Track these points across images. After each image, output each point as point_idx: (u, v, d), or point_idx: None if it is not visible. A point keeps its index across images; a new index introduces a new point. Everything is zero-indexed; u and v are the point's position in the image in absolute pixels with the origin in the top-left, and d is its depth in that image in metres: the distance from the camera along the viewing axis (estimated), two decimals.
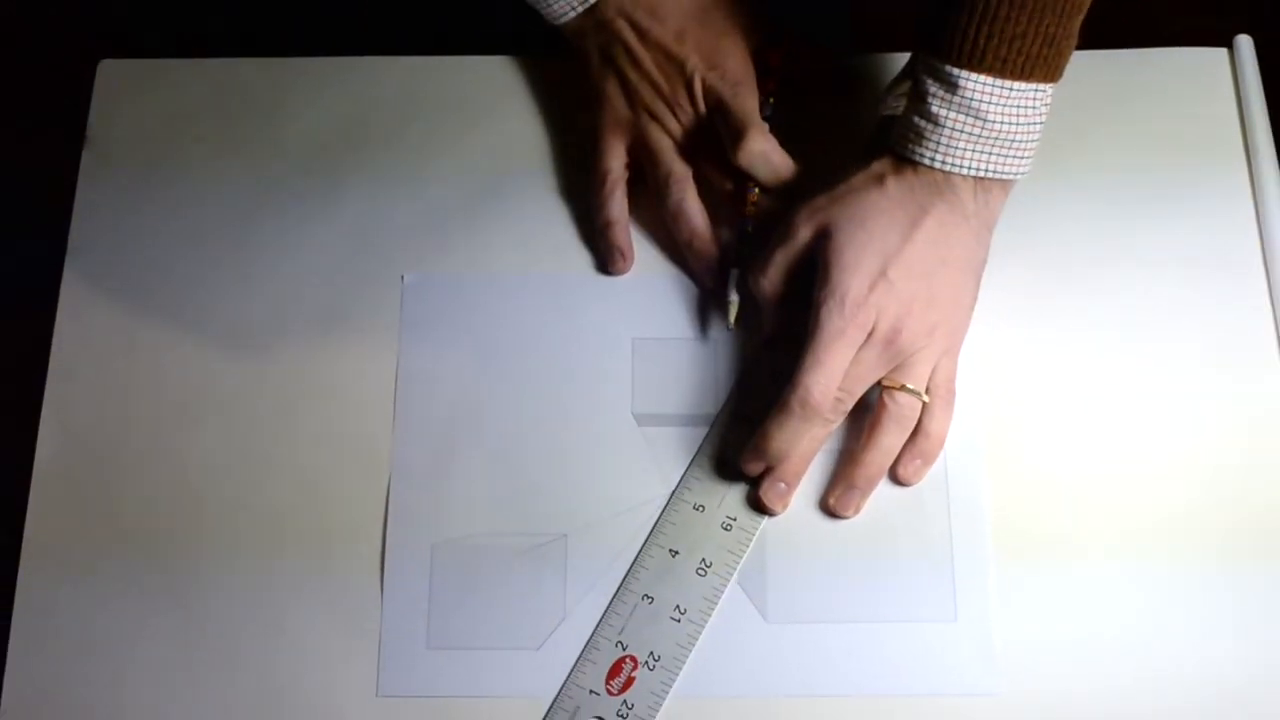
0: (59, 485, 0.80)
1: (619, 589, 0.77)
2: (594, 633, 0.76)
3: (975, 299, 0.79)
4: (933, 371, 0.78)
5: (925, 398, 0.78)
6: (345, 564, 0.78)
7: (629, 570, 0.77)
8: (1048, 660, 0.76)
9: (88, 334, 0.83)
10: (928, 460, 0.79)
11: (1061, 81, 0.76)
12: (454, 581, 0.78)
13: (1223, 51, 0.88)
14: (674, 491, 0.79)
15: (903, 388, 0.77)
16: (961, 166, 0.76)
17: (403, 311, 0.83)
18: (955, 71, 0.74)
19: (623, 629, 0.76)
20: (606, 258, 0.84)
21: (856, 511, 0.78)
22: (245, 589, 0.78)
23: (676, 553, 0.78)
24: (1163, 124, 0.87)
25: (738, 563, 0.77)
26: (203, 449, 0.81)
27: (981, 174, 0.76)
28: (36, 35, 1.08)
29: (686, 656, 0.76)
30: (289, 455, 0.80)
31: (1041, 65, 0.75)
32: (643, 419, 0.81)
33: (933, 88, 0.75)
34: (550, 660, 0.76)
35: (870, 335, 0.76)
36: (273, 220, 0.86)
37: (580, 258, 0.85)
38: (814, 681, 0.76)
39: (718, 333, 0.83)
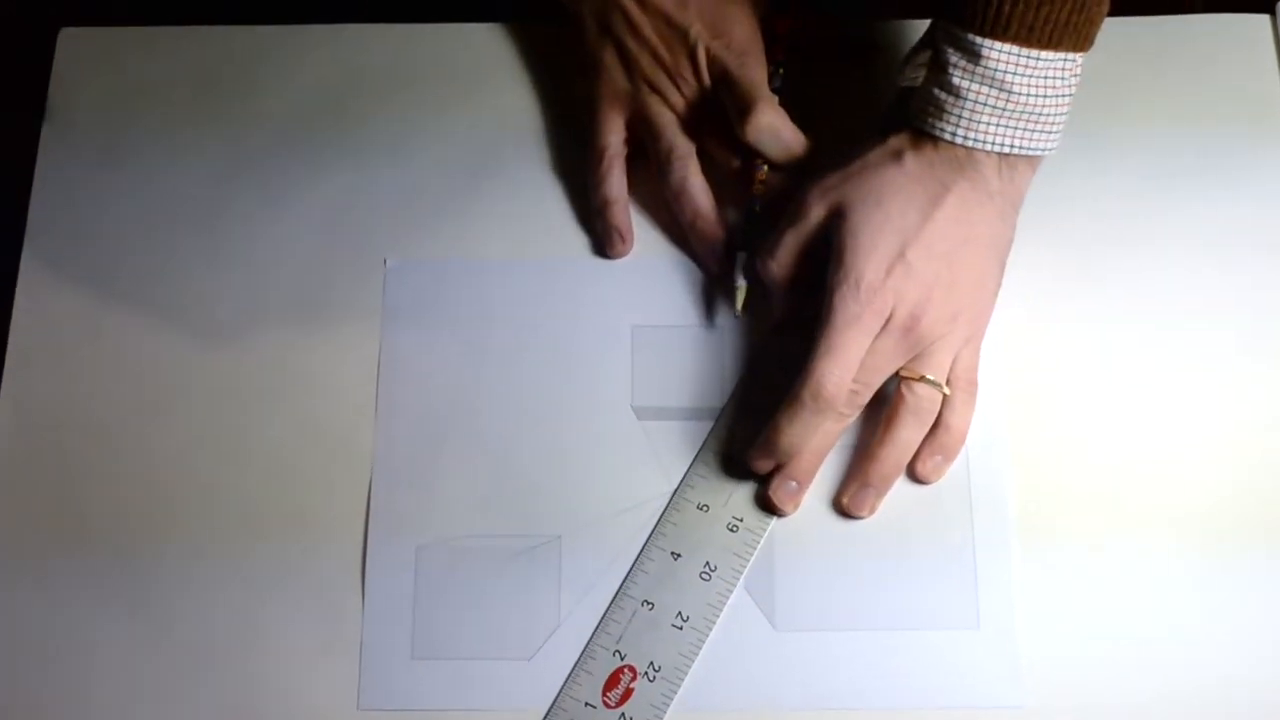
0: (15, 481, 0.79)
1: (616, 594, 0.76)
2: (590, 641, 0.75)
3: (999, 283, 0.78)
4: (954, 361, 0.77)
5: (946, 389, 0.76)
6: (323, 567, 0.77)
7: (627, 574, 0.76)
8: (1077, 670, 0.74)
9: (48, 318, 0.82)
10: (948, 456, 0.77)
11: (1094, 49, 0.75)
12: (440, 586, 0.76)
13: (1265, 18, 0.87)
14: (676, 490, 0.78)
15: (922, 379, 0.76)
16: (985, 142, 0.74)
17: (385, 298, 0.82)
18: (978, 40, 0.72)
19: (620, 637, 0.75)
20: (605, 239, 0.82)
21: (872, 511, 0.77)
22: (216, 594, 0.77)
23: (679, 555, 0.76)
24: (1202, 94, 0.86)
25: (744, 566, 0.76)
26: (171, 443, 0.80)
27: (1006, 150, 0.75)
28: None
29: (689, 666, 0.74)
30: (263, 450, 0.79)
31: (1071, 33, 0.73)
32: (643, 412, 0.79)
33: (954, 58, 0.73)
34: (543, 671, 0.75)
35: (888, 322, 0.74)
36: (247, 200, 0.85)
37: (576, 240, 0.83)
38: (825, 693, 0.74)
39: (724, 320, 0.81)
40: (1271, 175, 0.83)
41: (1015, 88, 0.73)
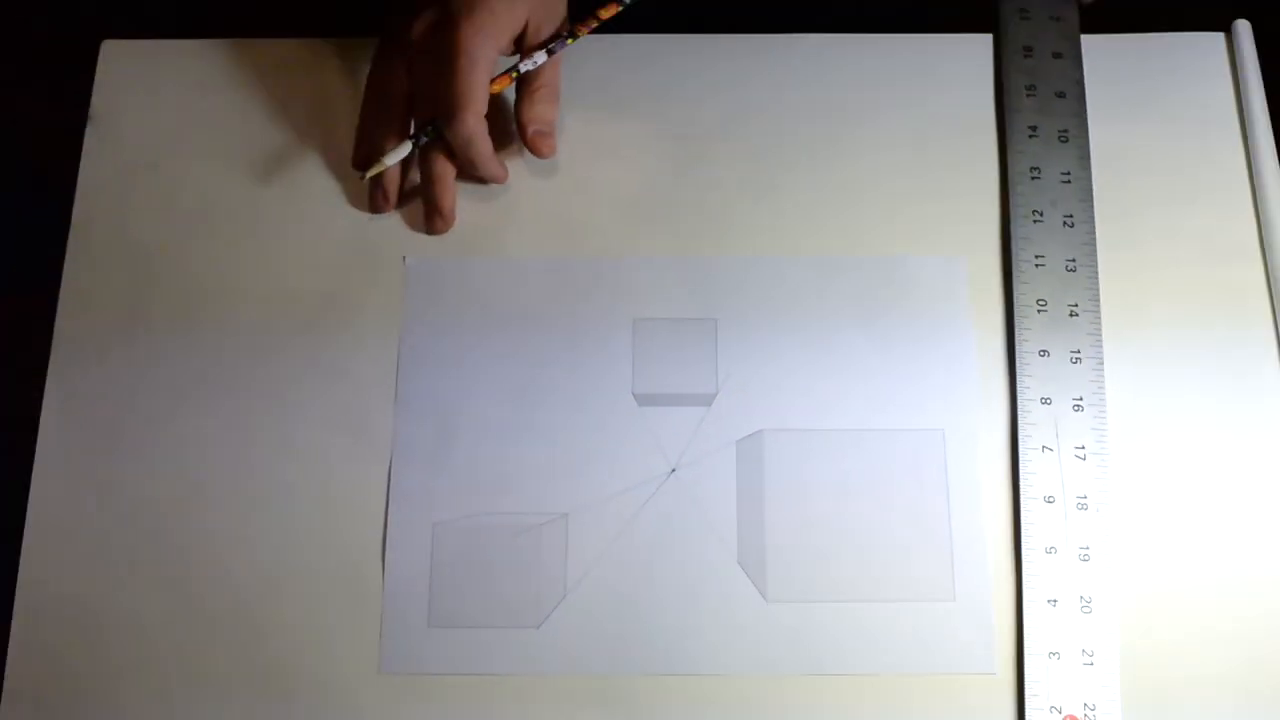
0: (60, 470, 0.79)
1: (1020, 653, 0.75)
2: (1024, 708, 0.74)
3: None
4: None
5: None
6: (347, 542, 0.78)
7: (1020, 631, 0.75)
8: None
9: (89, 317, 0.82)
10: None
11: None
12: (455, 560, 0.77)
13: (1220, 36, 0.87)
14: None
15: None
16: None
17: (405, 293, 0.82)
18: None
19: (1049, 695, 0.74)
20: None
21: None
22: (247, 569, 0.78)
23: (1054, 601, 0.75)
24: (1158, 110, 0.85)
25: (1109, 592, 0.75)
26: (204, 430, 0.80)
27: None
28: (39, 6, 1.05)
29: (1115, 698, 0.73)
30: (291, 435, 0.80)
31: None
32: (643, 399, 0.80)
33: None
34: (550, 638, 0.76)
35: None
36: (277, 201, 0.85)
37: (584, 240, 0.83)
38: (813, 660, 0.75)
39: (719, 311, 0.82)
40: (1226, 188, 0.83)
41: None
